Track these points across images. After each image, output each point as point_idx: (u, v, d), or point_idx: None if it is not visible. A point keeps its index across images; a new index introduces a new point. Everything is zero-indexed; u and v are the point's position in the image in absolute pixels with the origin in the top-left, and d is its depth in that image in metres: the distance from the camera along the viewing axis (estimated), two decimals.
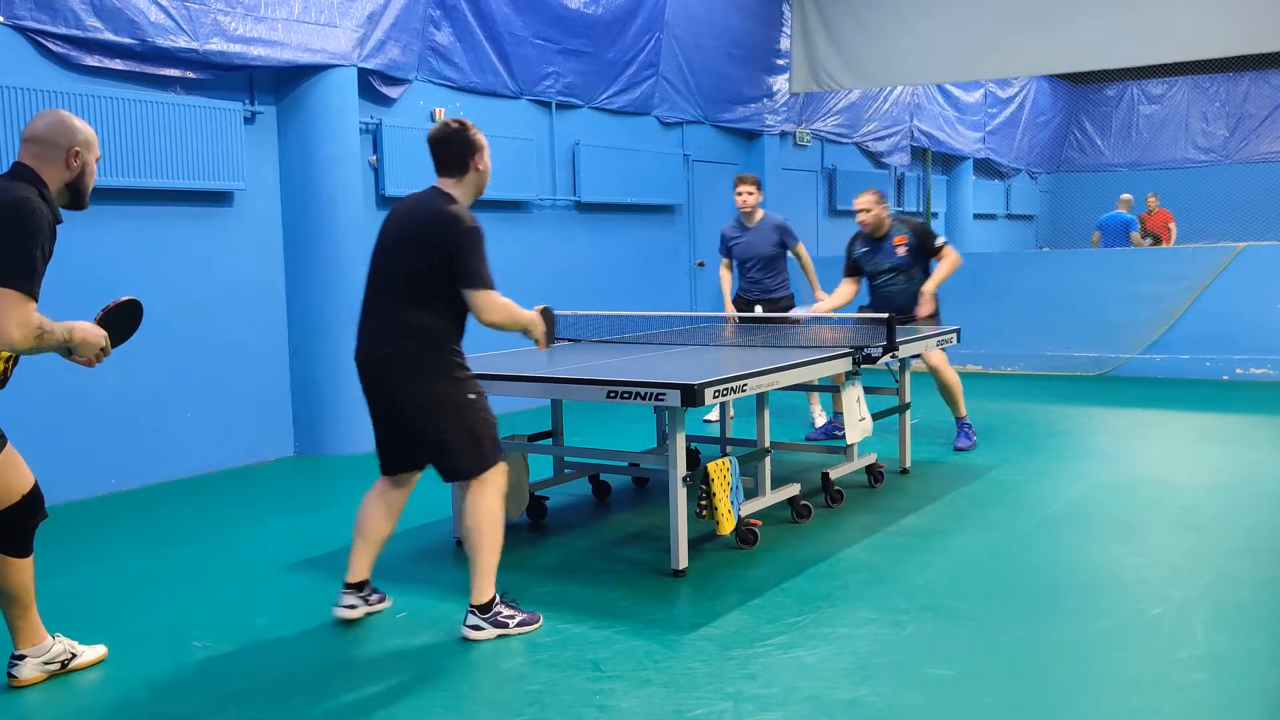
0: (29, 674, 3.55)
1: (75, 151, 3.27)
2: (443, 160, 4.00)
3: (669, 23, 10.56)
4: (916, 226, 7.23)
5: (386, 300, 3.95)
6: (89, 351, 3.26)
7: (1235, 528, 5.13)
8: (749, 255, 7.73)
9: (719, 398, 4.38)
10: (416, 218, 3.94)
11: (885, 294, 7.22)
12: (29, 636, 3.56)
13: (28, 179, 3.19)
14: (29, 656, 3.57)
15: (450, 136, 3.97)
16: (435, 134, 4.00)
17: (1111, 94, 21.65)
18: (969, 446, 7.11)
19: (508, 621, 3.93)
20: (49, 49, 6.07)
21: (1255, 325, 9.84)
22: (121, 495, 6.40)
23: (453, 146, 3.97)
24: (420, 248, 3.87)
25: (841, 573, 4.59)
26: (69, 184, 3.28)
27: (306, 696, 3.49)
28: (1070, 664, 3.58)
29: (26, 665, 3.55)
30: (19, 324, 2.96)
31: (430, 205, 3.94)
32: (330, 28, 7.33)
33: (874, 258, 7.21)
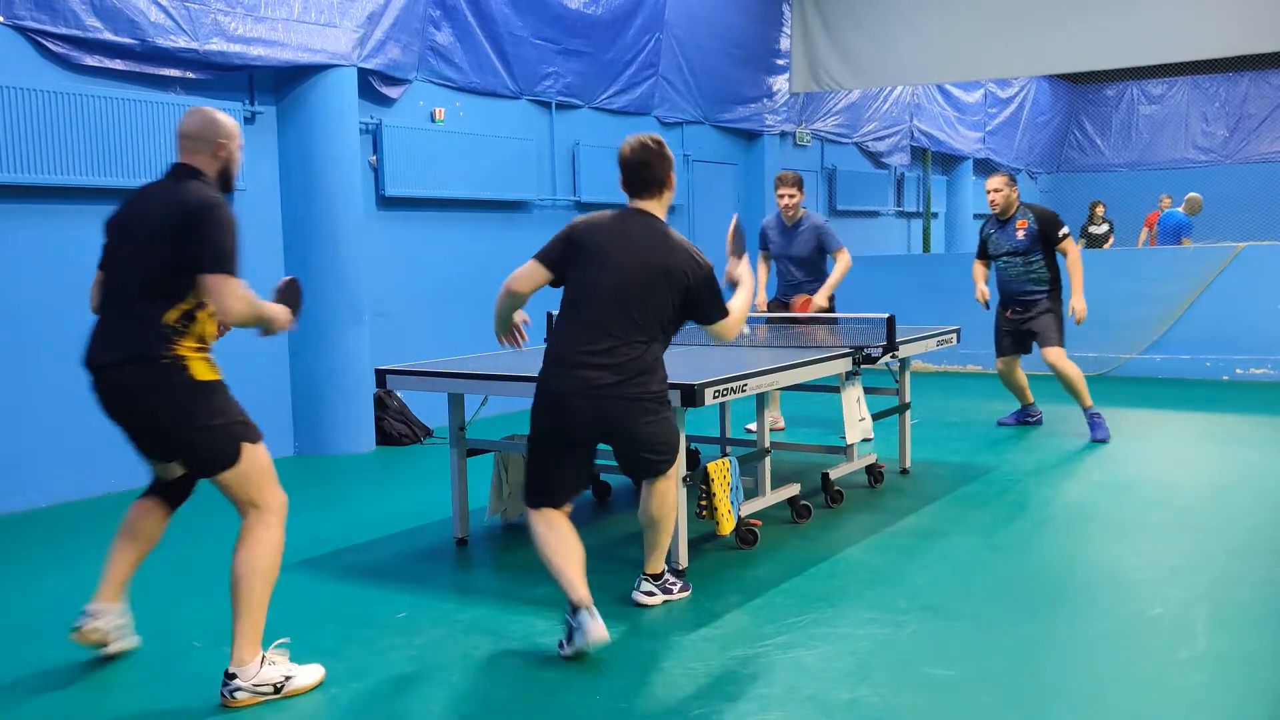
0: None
1: (221, 143, 3.60)
2: (644, 181, 4.08)
3: (669, 23, 10.55)
4: (1042, 213, 7.33)
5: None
6: (281, 327, 3.75)
7: (1235, 528, 5.13)
8: (785, 255, 7.58)
9: (719, 398, 4.38)
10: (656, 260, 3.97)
11: (1004, 277, 7.42)
12: None
13: (195, 176, 3.53)
14: None
15: (652, 158, 4.06)
16: (637, 155, 4.06)
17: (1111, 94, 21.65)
18: (1105, 438, 7.21)
19: (671, 588, 4.28)
20: (49, 49, 6.07)
21: (1255, 325, 9.83)
22: (121, 495, 6.40)
23: (655, 168, 4.08)
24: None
25: (841, 573, 4.59)
26: (219, 172, 3.62)
27: (306, 696, 3.48)
28: (1070, 664, 3.58)
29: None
30: (241, 299, 3.38)
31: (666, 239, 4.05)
32: (330, 28, 7.33)
33: (998, 239, 7.37)
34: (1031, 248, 7.24)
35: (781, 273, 7.67)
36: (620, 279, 3.85)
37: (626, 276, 3.85)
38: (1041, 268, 7.29)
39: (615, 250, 3.90)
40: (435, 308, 8.45)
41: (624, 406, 3.84)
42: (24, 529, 5.74)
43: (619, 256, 3.88)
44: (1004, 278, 7.46)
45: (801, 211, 7.46)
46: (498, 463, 5.39)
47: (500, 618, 4.14)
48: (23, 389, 6.08)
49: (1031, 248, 7.24)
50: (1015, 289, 7.38)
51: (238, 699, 3.41)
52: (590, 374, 3.82)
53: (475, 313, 8.75)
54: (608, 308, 3.84)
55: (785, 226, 7.53)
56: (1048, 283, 7.33)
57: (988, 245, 7.53)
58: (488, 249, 8.94)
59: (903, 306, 7.95)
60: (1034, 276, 7.30)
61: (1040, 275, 7.31)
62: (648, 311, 3.85)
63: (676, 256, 3.90)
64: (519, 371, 4.84)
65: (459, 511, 5.17)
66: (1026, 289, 7.33)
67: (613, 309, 3.84)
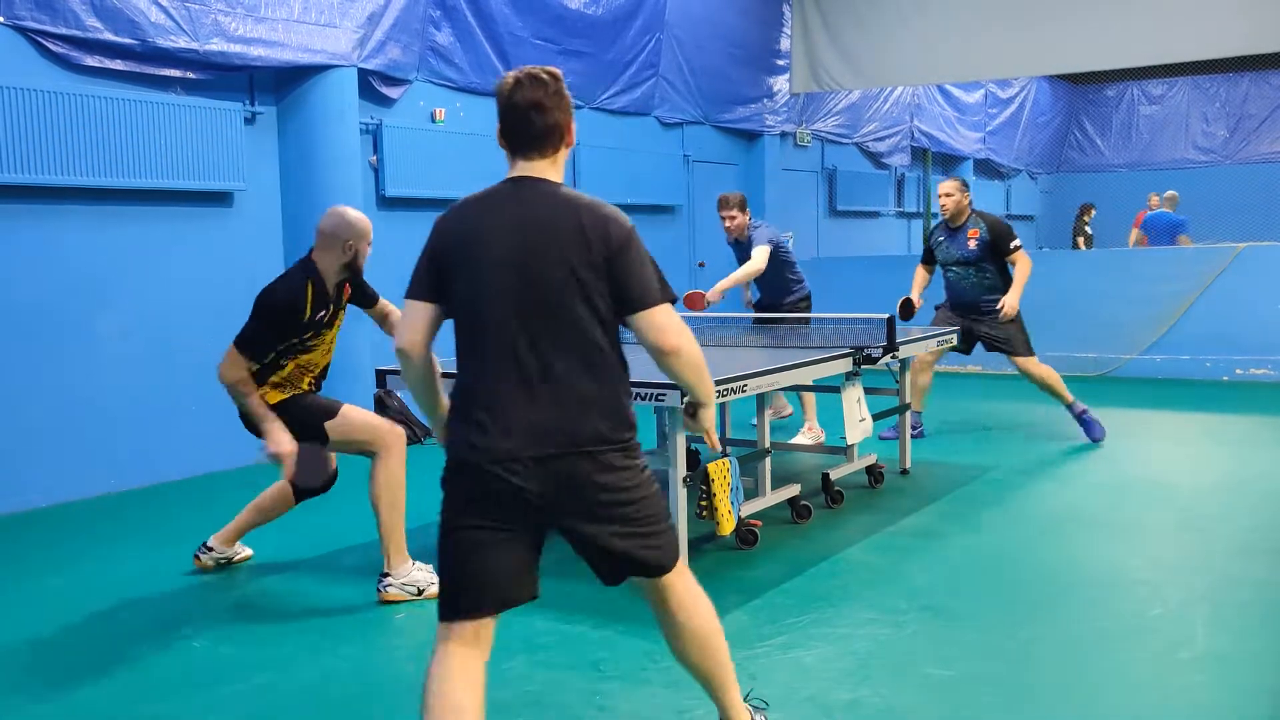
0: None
1: (349, 244, 4.36)
2: (533, 132, 2.69)
3: (669, 23, 10.56)
4: (994, 223, 7.13)
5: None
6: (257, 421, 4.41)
7: (1235, 528, 5.13)
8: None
9: (719, 398, 4.38)
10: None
11: (955, 287, 7.24)
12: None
13: (303, 268, 4.39)
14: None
15: (544, 97, 2.68)
16: (523, 94, 2.67)
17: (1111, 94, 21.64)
18: (1100, 436, 7.15)
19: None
20: (49, 49, 6.07)
21: (1255, 325, 9.83)
22: (121, 495, 6.40)
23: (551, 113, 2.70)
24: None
25: (841, 573, 4.59)
26: (345, 264, 4.41)
27: (306, 696, 3.49)
28: (1070, 664, 3.58)
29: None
30: (230, 367, 4.35)
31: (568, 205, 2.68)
32: (330, 28, 7.33)
33: (947, 247, 7.19)
34: (982, 257, 7.04)
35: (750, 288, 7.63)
36: (522, 274, 2.61)
37: (529, 267, 2.60)
38: (994, 276, 7.10)
39: (503, 237, 2.63)
40: None
41: (578, 468, 2.63)
42: (24, 529, 5.74)
43: (510, 243, 2.62)
44: (956, 288, 7.23)
45: (747, 231, 7.28)
46: None
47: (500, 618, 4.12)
48: (23, 389, 6.08)
49: (982, 257, 7.04)
50: (969, 299, 7.15)
51: (389, 593, 4.31)
52: (513, 435, 2.59)
53: None
54: (512, 324, 2.61)
55: (739, 244, 7.42)
56: (1002, 288, 7.11)
57: (935, 252, 7.29)
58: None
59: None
60: (987, 285, 7.11)
61: (994, 284, 7.11)
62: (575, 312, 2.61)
63: (587, 215, 2.62)
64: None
65: None
66: (983, 299, 7.11)
67: (522, 323, 2.61)
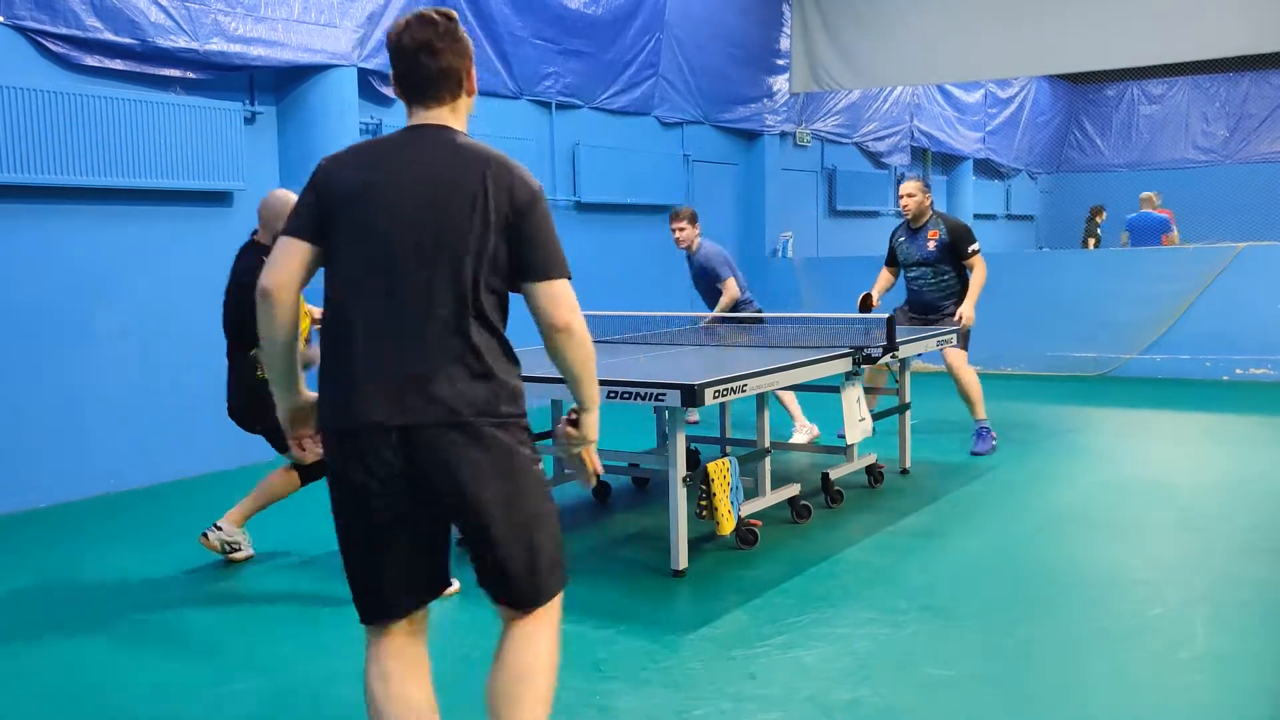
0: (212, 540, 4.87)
1: None
2: (426, 77, 2.46)
3: (669, 23, 10.55)
4: (954, 225, 7.08)
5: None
6: None
7: (1235, 528, 5.13)
8: (697, 283, 7.67)
9: (719, 398, 4.38)
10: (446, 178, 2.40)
11: (914, 288, 7.16)
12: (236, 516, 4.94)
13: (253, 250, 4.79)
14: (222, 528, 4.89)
15: (436, 39, 2.44)
16: (415, 37, 2.44)
17: (1111, 94, 21.63)
18: (987, 450, 6.97)
19: None
20: (49, 49, 6.07)
21: (1255, 325, 9.83)
22: (121, 495, 6.40)
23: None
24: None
25: (841, 573, 4.59)
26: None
27: (305, 696, 3.49)
28: (1070, 664, 3.58)
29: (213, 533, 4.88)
30: None
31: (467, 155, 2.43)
32: (330, 28, 7.33)
33: (907, 247, 7.14)
34: (941, 259, 6.97)
35: None
36: (407, 227, 2.36)
37: (417, 219, 2.35)
38: (953, 279, 7.00)
39: (390, 184, 2.38)
40: None
41: (454, 443, 2.34)
42: (23, 529, 5.74)
43: (397, 192, 2.37)
44: (914, 288, 7.15)
45: (697, 244, 7.49)
46: None
47: None
48: (22, 389, 6.07)
49: (941, 259, 6.97)
50: (927, 300, 7.07)
51: (208, 540, 4.89)
52: (388, 396, 2.33)
53: None
54: (395, 276, 2.35)
55: (689, 257, 7.59)
56: (961, 292, 7.01)
57: (897, 253, 7.23)
58: None
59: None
60: (946, 287, 7.02)
61: (951, 288, 7.01)
62: (465, 271, 2.35)
63: (492, 167, 2.39)
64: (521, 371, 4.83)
65: None
66: (940, 303, 7.03)
67: (404, 277, 2.35)
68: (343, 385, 2.36)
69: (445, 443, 2.33)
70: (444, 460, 2.34)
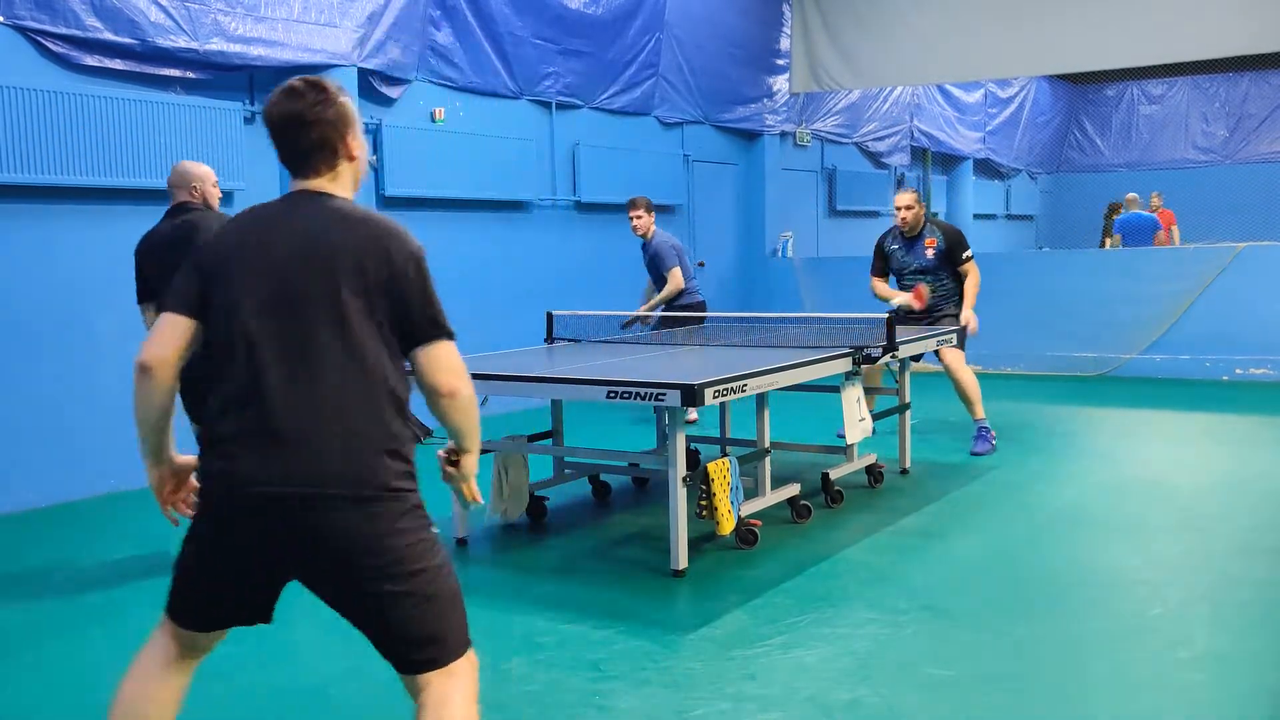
0: None
1: (195, 187, 4.85)
2: (301, 148, 2.47)
3: (669, 23, 10.55)
4: (949, 231, 7.17)
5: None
6: None
7: (1235, 528, 5.13)
8: (650, 271, 8.06)
9: (719, 398, 4.38)
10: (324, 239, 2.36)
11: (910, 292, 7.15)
12: None
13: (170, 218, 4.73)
14: None
15: (306, 109, 2.45)
16: (280, 110, 2.48)
17: (1111, 94, 21.64)
18: (987, 451, 6.97)
19: None
20: (49, 49, 6.07)
21: (1255, 325, 9.83)
22: (121, 495, 6.40)
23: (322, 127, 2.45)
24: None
25: (841, 573, 4.59)
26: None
27: (306, 696, 3.49)
28: (1070, 664, 3.58)
29: None
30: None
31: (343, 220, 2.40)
32: (330, 28, 7.33)
33: (904, 256, 7.19)
34: (940, 266, 7.07)
35: None
36: (284, 293, 2.31)
37: (292, 285, 2.31)
38: (949, 283, 7.09)
39: (267, 251, 2.35)
40: None
41: (336, 516, 2.25)
42: (21, 529, 5.74)
43: (273, 258, 2.33)
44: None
45: (652, 232, 7.95)
46: (497, 463, 5.39)
47: (500, 618, 4.14)
48: (22, 389, 6.07)
49: (940, 266, 7.07)
50: (926, 306, 7.09)
51: None
52: (267, 467, 2.24)
53: (474, 313, 8.76)
54: (268, 347, 2.28)
55: (644, 244, 8.00)
56: (957, 295, 7.10)
57: (889, 260, 7.27)
58: (488, 249, 8.94)
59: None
60: (944, 293, 7.11)
61: (948, 291, 7.09)
62: (344, 337, 2.29)
63: (366, 231, 2.35)
64: (519, 371, 4.84)
65: (459, 511, 5.17)
66: (939, 307, 7.09)
67: (280, 346, 2.29)
68: (222, 450, 2.29)
69: (332, 513, 2.24)
70: (329, 534, 2.27)
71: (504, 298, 9.05)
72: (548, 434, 5.85)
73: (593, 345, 6.06)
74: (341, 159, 2.46)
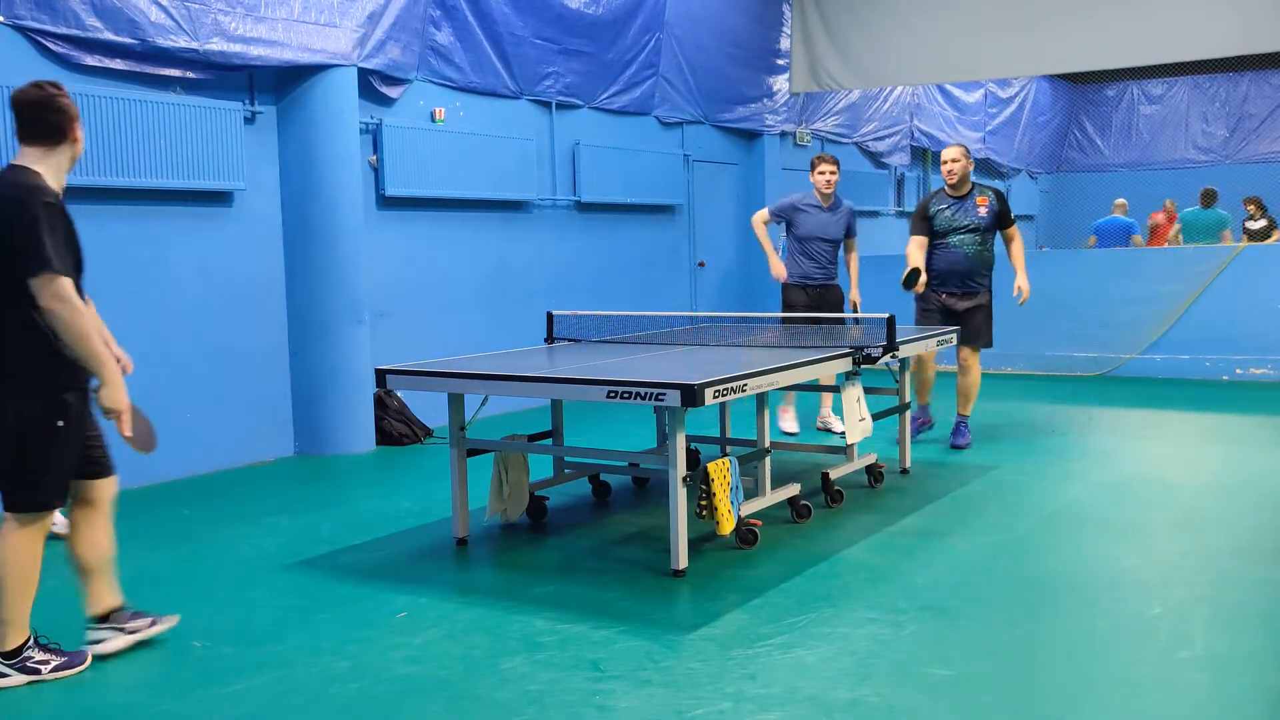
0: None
1: None
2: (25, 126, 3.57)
3: (669, 23, 10.55)
4: (1000, 193, 7.16)
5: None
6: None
7: (1235, 528, 5.13)
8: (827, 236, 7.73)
9: (719, 398, 4.38)
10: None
11: (953, 257, 6.99)
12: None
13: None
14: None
15: (49, 102, 3.56)
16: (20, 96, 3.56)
17: (1111, 94, 21.64)
18: (966, 444, 7.12)
19: (40, 667, 3.61)
20: (49, 49, 6.07)
21: (1255, 325, 9.83)
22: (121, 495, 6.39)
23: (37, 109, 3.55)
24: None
25: (841, 573, 4.59)
26: None
27: (306, 696, 3.49)
28: (1070, 664, 3.58)
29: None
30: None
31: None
32: (330, 28, 7.33)
33: (952, 215, 7.02)
34: (992, 225, 6.97)
35: None
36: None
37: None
38: (991, 250, 7.01)
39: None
40: (435, 307, 8.45)
41: None
42: None
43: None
44: (952, 258, 7.00)
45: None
46: (498, 463, 5.39)
47: (500, 618, 4.14)
48: None
49: (992, 225, 6.97)
50: (964, 268, 6.98)
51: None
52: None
53: (475, 313, 8.76)
54: None
55: (831, 204, 7.64)
56: (991, 270, 7.05)
57: (934, 221, 7.03)
58: (488, 249, 8.95)
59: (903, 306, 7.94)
60: (985, 259, 7.00)
61: (989, 259, 7.01)
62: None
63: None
64: (519, 371, 4.84)
65: (459, 511, 5.17)
66: (975, 273, 6.99)
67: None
68: None
69: None
70: None
71: (504, 298, 9.05)
72: (548, 434, 5.85)
73: (593, 345, 6.06)
74: (46, 139, 3.58)
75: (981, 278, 7.07)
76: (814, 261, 7.51)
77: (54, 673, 3.64)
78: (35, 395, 3.52)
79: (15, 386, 3.51)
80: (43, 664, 3.64)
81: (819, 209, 7.50)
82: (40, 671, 3.62)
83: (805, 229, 7.50)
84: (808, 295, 7.51)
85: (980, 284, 7.08)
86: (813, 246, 7.50)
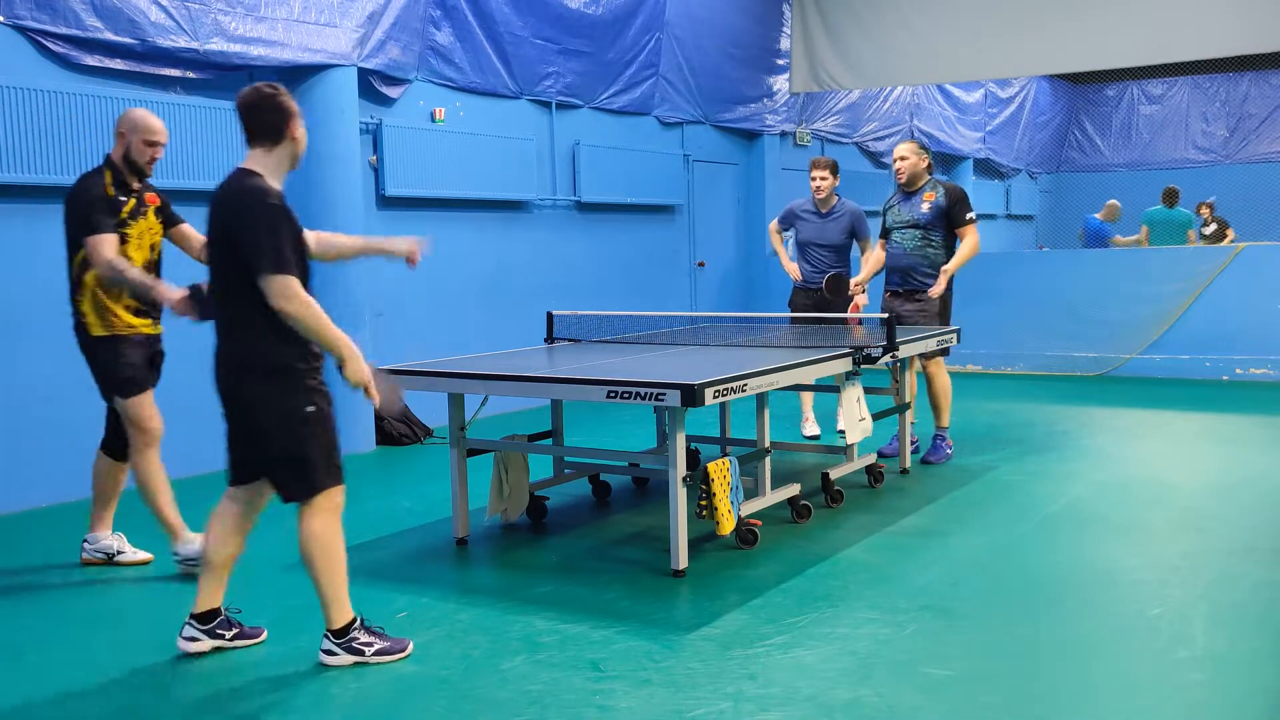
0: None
1: (122, 134, 4.63)
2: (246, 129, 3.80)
3: (669, 23, 10.55)
4: (952, 189, 6.82)
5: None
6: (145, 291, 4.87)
7: (1235, 528, 5.13)
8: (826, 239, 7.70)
9: (719, 398, 4.38)
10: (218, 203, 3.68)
11: (895, 252, 6.77)
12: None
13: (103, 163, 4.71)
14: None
15: (263, 102, 3.81)
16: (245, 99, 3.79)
17: (1111, 94, 21.64)
18: (941, 460, 6.74)
19: (364, 649, 3.73)
20: (49, 49, 6.07)
21: (1255, 325, 9.83)
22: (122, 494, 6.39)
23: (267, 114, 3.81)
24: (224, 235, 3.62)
25: (841, 573, 4.59)
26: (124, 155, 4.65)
27: (308, 696, 3.49)
28: (1070, 664, 3.58)
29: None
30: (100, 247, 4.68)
31: (230, 185, 3.68)
32: (330, 28, 7.33)
33: (899, 210, 6.83)
34: (933, 223, 6.64)
35: None
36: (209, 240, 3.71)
37: (209, 234, 3.70)
38: (939, 249, 6.64)
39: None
40: (435, 308, 8.45)
41: (230, 374, 3.78)
42: (24, 528, 5.74)
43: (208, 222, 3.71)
44: (893, 252, 6.77)
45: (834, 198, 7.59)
46: (498, 463, 5.39)
47: (500, 618, 4.14)
48: (21, 389, 6.07)
49: (933, 223, 6.64)
50: (902, 265, 6.72)
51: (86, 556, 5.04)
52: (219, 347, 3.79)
53: (475, 313, 8.76)
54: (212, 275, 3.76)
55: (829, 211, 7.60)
56: (938, 263, 6.66)
57: (885, 218, 6.88)
58: (488, 249, 8.95)
59: None
60: (930, 257, 6.65)
61: (936, 258, 6.65)
62: (226, 267, 3.64)
63: (222, 194, 3.67)
64: (519, 371, 4.84)
65: (459, 511, 5.17)
66: (915, 269, 6.67)
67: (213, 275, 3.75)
68: None
69: None
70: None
71: (504, 298, 9.05)
72: (548, 434, 5.85)
73: (593, 345, 6.06)
74: (270, 139, 3.85)
75: (923, 275, 6.71)
76: (813, 267, 7.53)
77: (376, 656, 3.73)
78: (283, 383, 3.71)
79: (264, 378, 3.69)
80: (367, 645, 3.74)
81: (815, 215, 7.51)
82: (364, 653, 3.72)
83: (803, 235, 7.55)
84: (809, 298, 7.52)
85: (922, 282, 6.72)
86: (810, 252, 7.52)
